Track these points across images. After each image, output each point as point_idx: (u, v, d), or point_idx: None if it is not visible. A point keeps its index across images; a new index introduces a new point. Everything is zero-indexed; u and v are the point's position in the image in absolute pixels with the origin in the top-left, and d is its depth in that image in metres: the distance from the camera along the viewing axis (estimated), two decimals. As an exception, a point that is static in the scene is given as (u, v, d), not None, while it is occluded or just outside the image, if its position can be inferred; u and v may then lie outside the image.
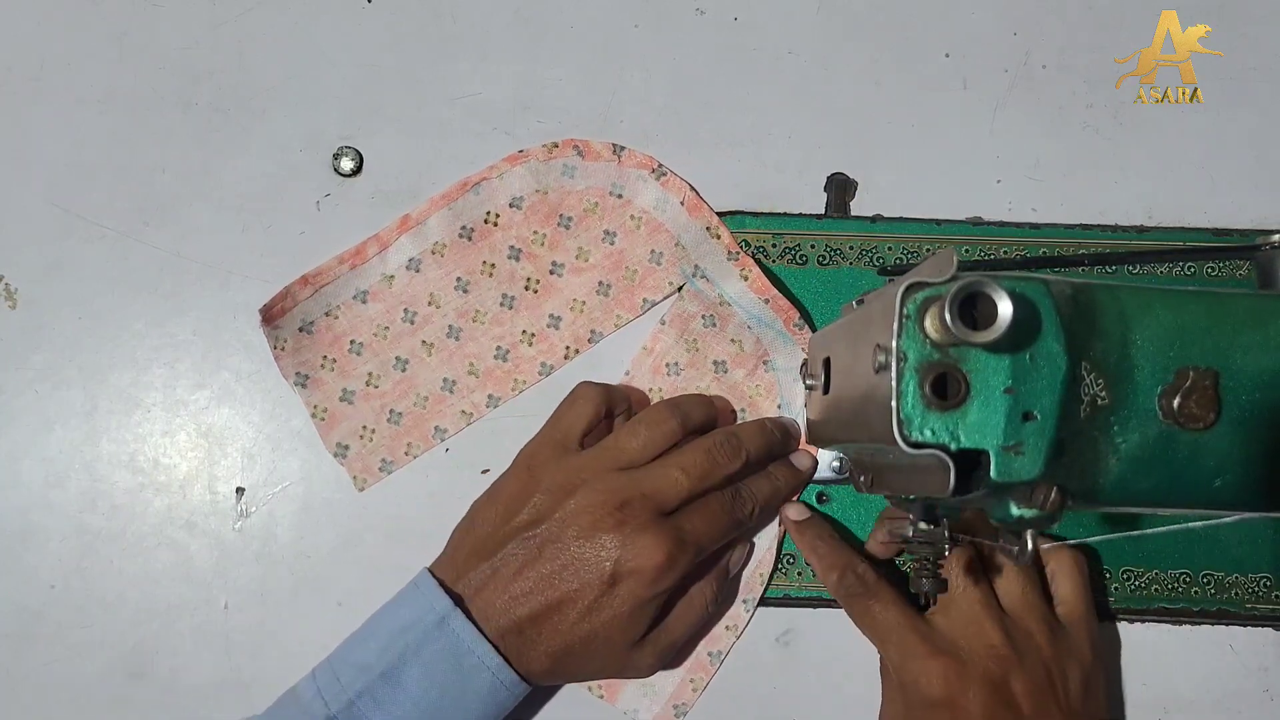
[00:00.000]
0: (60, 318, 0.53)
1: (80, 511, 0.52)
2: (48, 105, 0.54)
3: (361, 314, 0.52)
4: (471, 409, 0.52)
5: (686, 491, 0.45)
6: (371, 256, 0.52)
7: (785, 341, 0.51)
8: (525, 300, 0.52)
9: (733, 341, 0.51)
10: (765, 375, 0.51)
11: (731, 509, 0.47)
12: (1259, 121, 0.54)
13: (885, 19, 0.55)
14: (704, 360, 0.52)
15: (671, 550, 0.44)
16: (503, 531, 0.45)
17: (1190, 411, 0.34)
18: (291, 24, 0.55)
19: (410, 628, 0.43)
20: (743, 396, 0.52)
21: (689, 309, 0.52)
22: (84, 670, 0.51)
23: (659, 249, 0.52)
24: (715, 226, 0.51)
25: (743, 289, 0.51)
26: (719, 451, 0.46)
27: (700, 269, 0.51)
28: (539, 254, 0.52)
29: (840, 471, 0.50)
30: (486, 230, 0.52)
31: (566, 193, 0.52)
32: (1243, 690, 0.51)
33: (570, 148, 0.52)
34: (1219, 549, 0.50)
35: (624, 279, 0.52)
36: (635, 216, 0.52)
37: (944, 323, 0.31)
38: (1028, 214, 0.53)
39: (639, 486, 0.45)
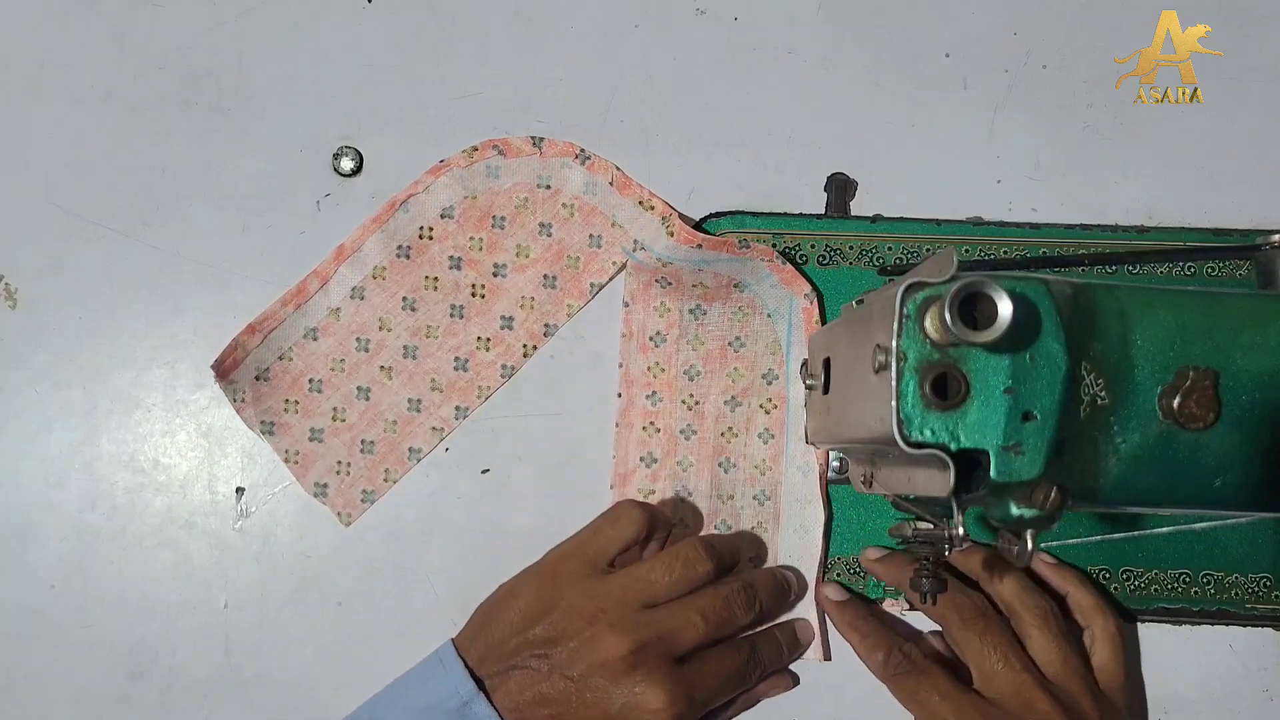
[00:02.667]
0: (60, 318, 0.53)
1: (80, 511, 0.52)
2: (48, 105, 0.54)
3: (315, 351, 0.52)
4: (441, 424, 0.52)
5: (703, 639, 0.45)
6: (314, 293, 0.52)
7: (738, 262, 0.51)
8: (474, 307, 0.52)
9: (694, 286, 0.52)
10: (742, 296, 0.51)
11: (744, 669, 0.46)
12: (1259, 121, 0.54)
13: (885, 19, 0.55)
14: (680, 314, 0.52)
15: (680, 710, 0.43)
16: (517, 640, 0.45)
17: (1190, 411, 0.34)
18: (291, 24, 0.55)
19: (434, 708, 0.43)
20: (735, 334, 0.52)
21: (641, 280, 0.52)
22: (84, 670, 0.51)
23: (596, 232, 0.52)
24: (647, 199, 0.51)
25: (671, 245, 0.50)
26: (736, 601, 0.46)
27: (639, 242, 0.52)
28: (479, 259, 0.52)
29: (840, 471, 0.50)
30: (423, 245, 0.52)
31: (495, 194, 0.52)
32: (1243, 690, 0.51)
33: (490, 148, 0.52)
34: (1219, 549, 0.50)
35: (567, 268, 0.52)
36: (567, 204, 0.52)
37: (944, 323, 0.31)
38: (1028, 214, 0.53)
39: (656, 629, 0.44)
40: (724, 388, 0.52)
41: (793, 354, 0.52)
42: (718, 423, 0.52)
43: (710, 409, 0.52)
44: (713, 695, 0.45)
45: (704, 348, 0.52)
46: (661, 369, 0.52)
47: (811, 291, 0.51)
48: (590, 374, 0.52)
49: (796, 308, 0.51)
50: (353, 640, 0.51)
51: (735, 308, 0.52)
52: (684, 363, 0.52)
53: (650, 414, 0.52)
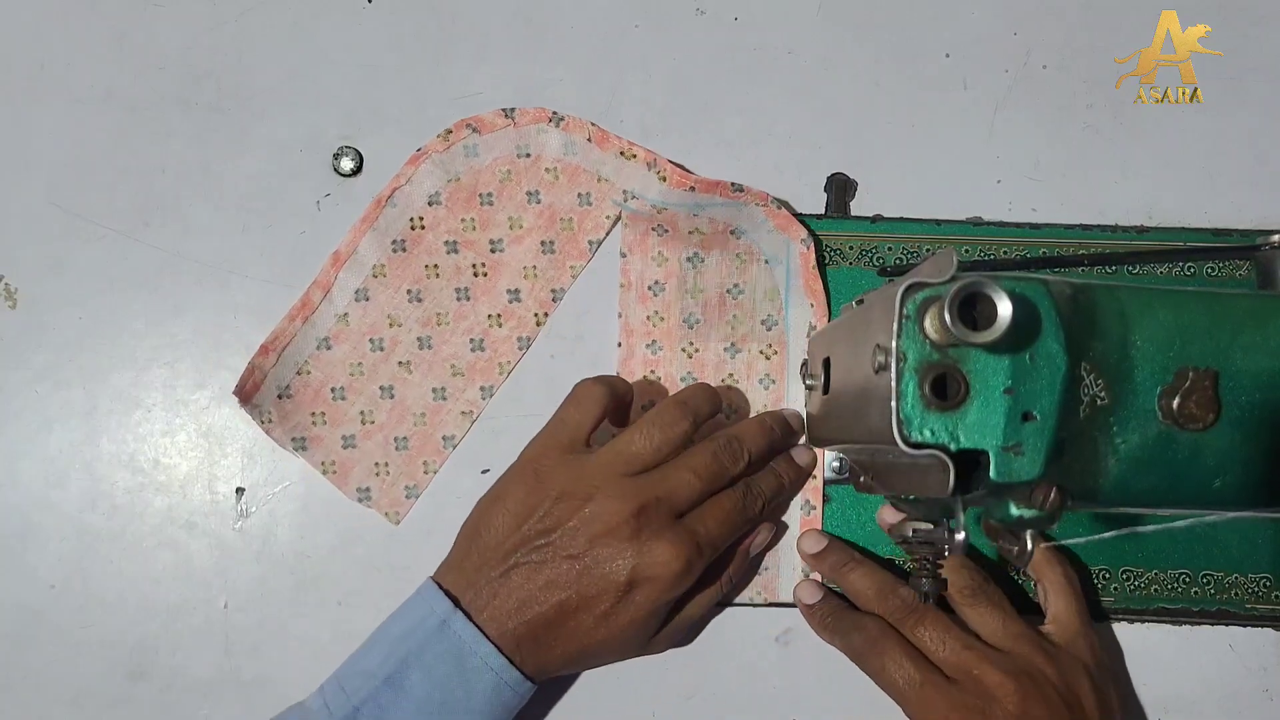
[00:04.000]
0: (60, 318, 0.53)
1: (80, 511, 0.52)
2: (48, 105, 0.54)
3: (331, 360, 0.52)
4: (469, 407, 0.52)
5: (699, 494, 0.46)
6: (319, 303, 0.52)
7: (734, 207, 0.51)
8: (479, 286, 0.52)
9: (691, 233, 0.52)
10: (739, 243, 0.52)
11: (743, 507, 0.47)
12: (1259, 121, 0.54)
13: (885, 19, 0.55)
14: (677, 264, 0.52)
15: (689, 556, 0.44)
16: (513, 539, 0.45)
17: (1190, 412, 0.34)
18: (291, 24, 0.55)
19: (412, 632, 0.43)
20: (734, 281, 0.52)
21: (638, 231, 0.52)
22: (84, 670, 0.51)
23: (584, 190, 0.52)
24: (628, 150, 0.51)
25: (665, 190, 0.51)
26: (724, 454, 0.47)
27: (629, 192, 0.52)
28: (474, 239, 0.52)
29: (840, 471, 0.50)
30: (417, 236, 0.52)
31: (477, 172, 0.52)
32: (1243, 690, 0.51)
33: (464, 128, 0.52)
34: (1219, 549, 0.50)
35: (563, 230, 0.53)
36: (550, 169, 0.52)
37: (944, 323, 0.31)
38: (1028, 214, 0.53)
39: (653, 491, 0.45)
40: (723, 335, 0.52)
41: (791, 300, 0.52)
42: (718, 370, 0.52)
43: (710, 356, 0.52)
44: (718, 538, 0.46)
45: (702, 296, 0.52)
46: (661, 318, 0.52)
47: (808, 236, 0.52)
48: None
49: (794, 253, 0.52)
50: (353, 640, 0.51)
51: (733, 255, 0.52)
52: (683, 311, 0.52)
53: (651, 362, 0.52)
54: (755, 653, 0.51)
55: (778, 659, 0.51)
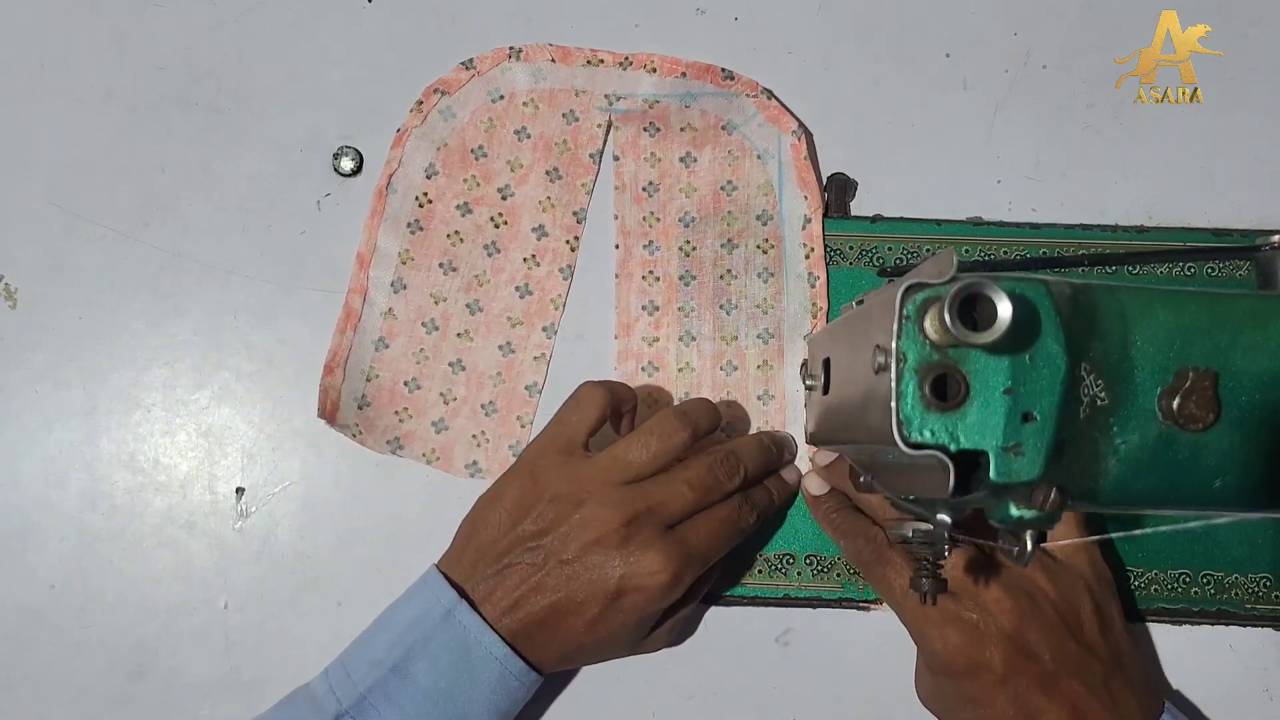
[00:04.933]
0: (60, 318, 0.53)
1: (80, 511, 0.52)
2: (48, 105, 0.54)
3: (393, 356, 0.52)
4: (539, 350, 0.53)
5: (691, 506, 0.46)
6: (361, 308, 0.52)
7: (726, 97, 0.52)
8: (504, 236, 0.53)
9: (682, 130, 0.52)
10: (731, 139, 0.52)
11: (738, 520, 0.47)
12: (1259, 121, 0.54)
13: (885, 19, 0.55)
14: (671, 164, 0.53)
15: (678, 568, 0.44)
16: (507, 539, 0.45)
17: (1190, 412, 0.34)
18: (291, 24, 0.55)
19: (418, 622, 0.44)
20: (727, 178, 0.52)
21: (629, 133, 0.53)
22: (84, 670, 0.51)
23: (566, 110, 0.53)
24: (593, 56, 0.52)
25: (657, 81, 0.52)
26: (720, 469, 0.47)
27: (611, 95, 0.52)
28: (482, 193, 0.53)
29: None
30: (428, 212, 0.53)
31: (460, 130, 0.53)
32: (1243, 690, 0.51)
33: (432, 94, 0.52)
34: (1219, 549, 0.50)
35: (561, 154, 0.53)
36: (527, 102, 0.53)
37: (944, 323, 0.31)
38: (1028, 214, 0.53)
39: (646, 500, 0.45)
40: (719, 231, 0.53)
41: (785, 193, 0.52)
42: (716, 266, 0.52)
43: (707, 253, 0.52)
44: (709, 550, 0.46)
45: (697, 194, 0.53)
46: (656, 218, 0.53)
47: (799, 128, 0.52)
48: (589, 374, 0.52)
49: (785, 145, 0.52)
50: (353, 640, 0.51)
51: (725, 151, 0.53)
52: (678, 210, 0.53)
53: (649, 263, 0.53)
54: (755, 653, 0.51)
55: (778, 659, 0.51)
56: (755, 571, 0.51)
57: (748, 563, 0.51)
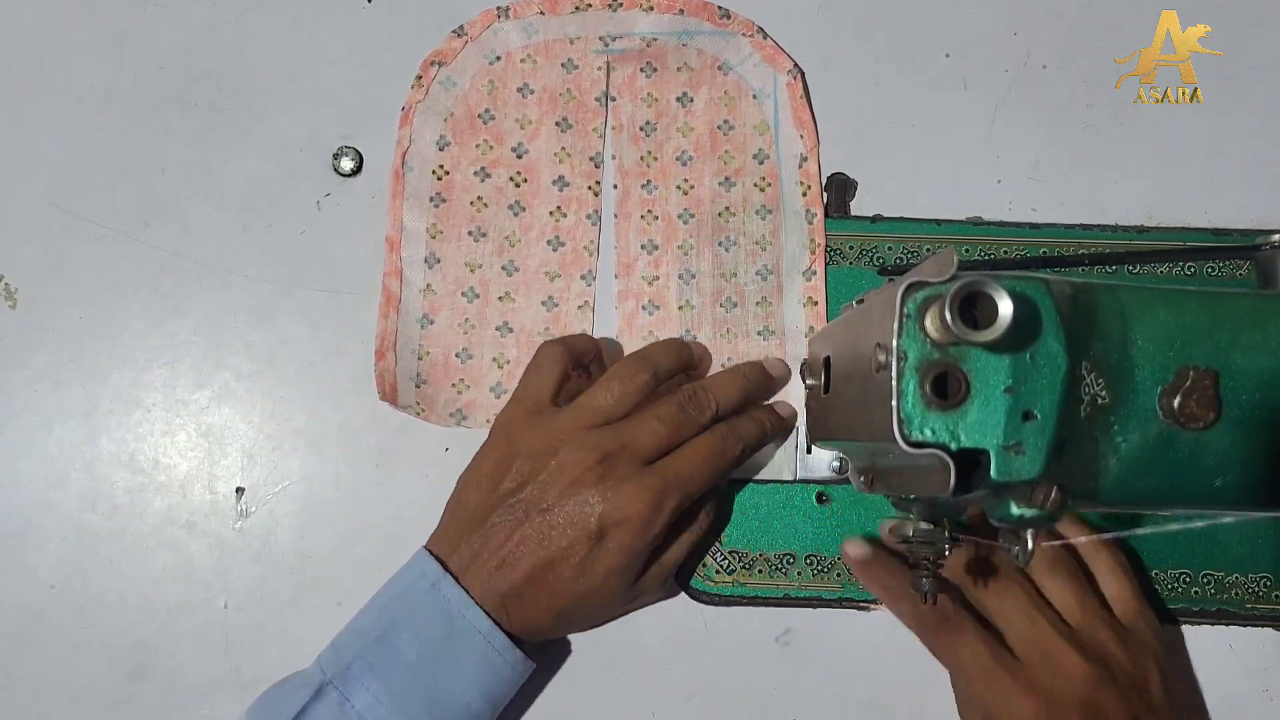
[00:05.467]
0: (60, 318, 0.53)
1: (80, 511, 0.52)
2: (48, 105, 0.54)
3: (440, 331, 0.52)
4: (582, 299, 0.53)
5: (664, 440, 0.46)
6: (399, 290, 0.52)
7: (723, 36, 0.52)
8: (526, 193, 0.53)
9: (679, 70, 0.53)
10: (727, 79, 0.53)
11: (721, 450, 0.47)
12: (1259, 121, 0.54)
13: (885, 19, 0.55)
14: (667, 104, 0.53)
15: (655, 496, 0.44)
16: (490, 501, 0.46)
17: (1190, 411, 0.34)
18: (291, 24, 0.55)
19: (403, 594, 0.44)
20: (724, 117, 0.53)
21: (626, 73, 0.53)
22: (84, 670, 0.51)
23: (564, 59, 0.53)
24: (582, 2, 0.52)
25: (655, 19, 0.52)
26: (689, 404, 0.47)
27: (606, 37, 0.53)
28: (497, 155, 0.53)
29: (840, 471, 0.50)
30: (446, 184, 0.53)
31: (464, 97, 0.53)
32: (1243, 690, 0.51)
33: (430, 66, 0.53)
34: (1219, 549, 0.50)
35: (567, 103, 0.53)
36: (524, 59, 0.53)
37: (944, 322, 0.31)
38: (1028, 214, 0.53)
39: (618, 438, 0.45)
40: (716, 170, 0.53)
41: (781, 133, 0.53)
42: (714, 204, 0.53)
43: (705, 191, 0.53)
44: (690, 479, 0.45)
45: (694, 133, 0.53)
46: (654, 158, 0.53)
47: (795, 68, 0.53)
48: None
49: (781, 85, 0.53)
50: (353, 640, 0.51)
51: (721, 91, 0.53)
52: (675, 149, 0.53)
53: (647, 202, 0.53)
54: (755, 653, 0.51)
55: (778, 659, 0.51)
56: (755, 571, 0.51)
57: (748, 562, 0.51)
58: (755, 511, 0.52)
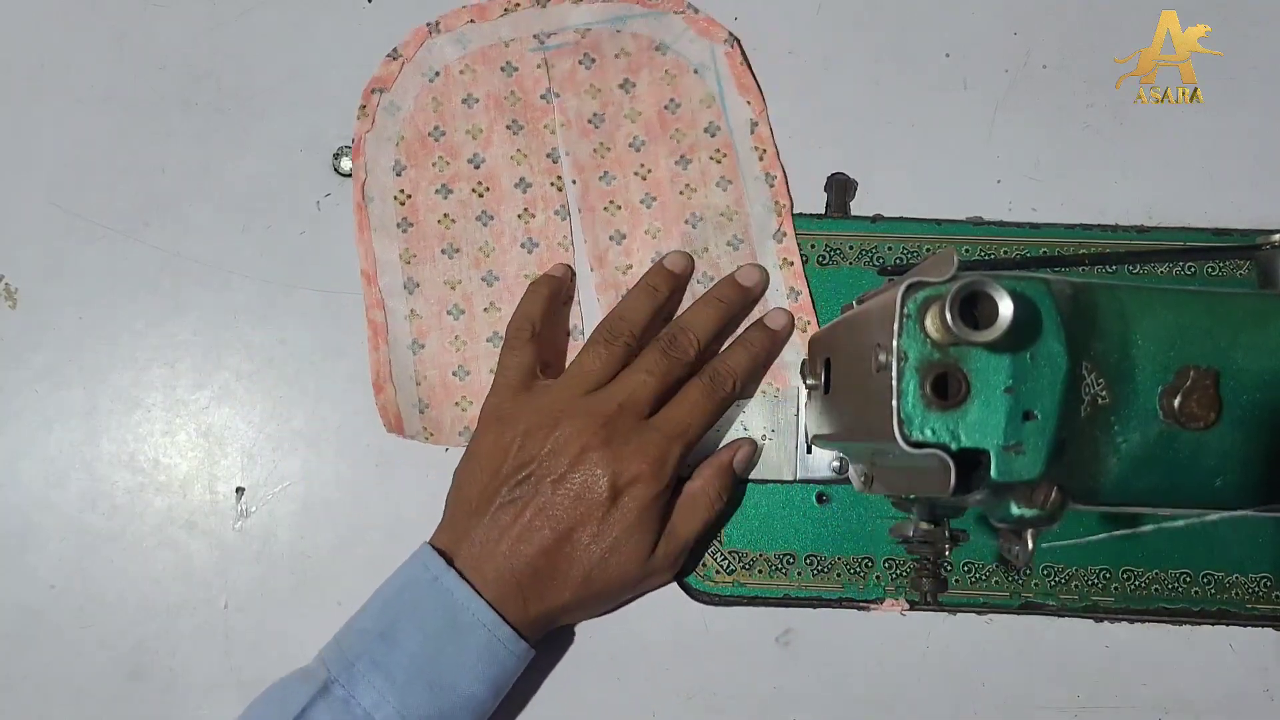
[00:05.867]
0: (60, 318, 0.53)
1: (80, 511, 0.52)
2: (48, 105, 0.54)
3: (432, 354, 0.52)
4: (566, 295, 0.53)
5: (656, 389, 0.47)
6: (384, 320, 0.52)
7: (655, 16, 0.53)
8: (490, 202, 0.53)
9: (617, 56, 0.53)
10: (666, 59, 0.53)
11: (711, 391, 0.48)
12: (1259, 121, 0.54)
13: (885, 19, 0.55)
14: (611, 93, 0.53)
15: (661, 449, 0.45)
16: (491, 486, 0.46)
17: (1191, 411, 0.34)
18: (291, 24, 0.55)
19: (406, 588, 0.45)
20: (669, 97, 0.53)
21: (564, 69, 0.53)
22: (84, 670, 0.51)
23: (502, 63, 0.53)
24: (509, 4, 0.52)
25: (585, 9, 0.53)
26: (671, 348, 0.48)
27: (540, 35, 0.53)
28: (455, 170, 0.53)
29: (840, 471, 0.51)
30: (410, 208, 0.53)
31: (411, 119, 0.53)
32: (1243, 690, 0.51)
33: (371, 94, 0.52)
34: (1219, 549, 0.50)
35: (513, 105, 0.53)
36: (462, 71, 0.53)
37: (944, 322, 0.31)
38: (1028, 214, 0.53)
39: (614, 399, 0.46)
40: (670, 150, 0.53)
41: (728, 103, 0.53)
42: (673, 184, 0.53)
43: (663, 173, 0.53)
44: (689, 426, 0.47)
45: (642, 118, 0.53)
46: (607, 148, 0.53)
47: (730, 36, 0.53)
48: None
49: (720, 55, 0.53)
50: (353, 640, 0.51)
51: (662, 72, 0.53)
52: (626, 136, 0.53)
53: (607, 193, 0.53)
54: (755, 653, 0.51)
55: (778, 659, 0.51)
56: (755, 571, 0.51)
57: (748, 562, 0.51)
58: (755, 511, 0.52)
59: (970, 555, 0.50)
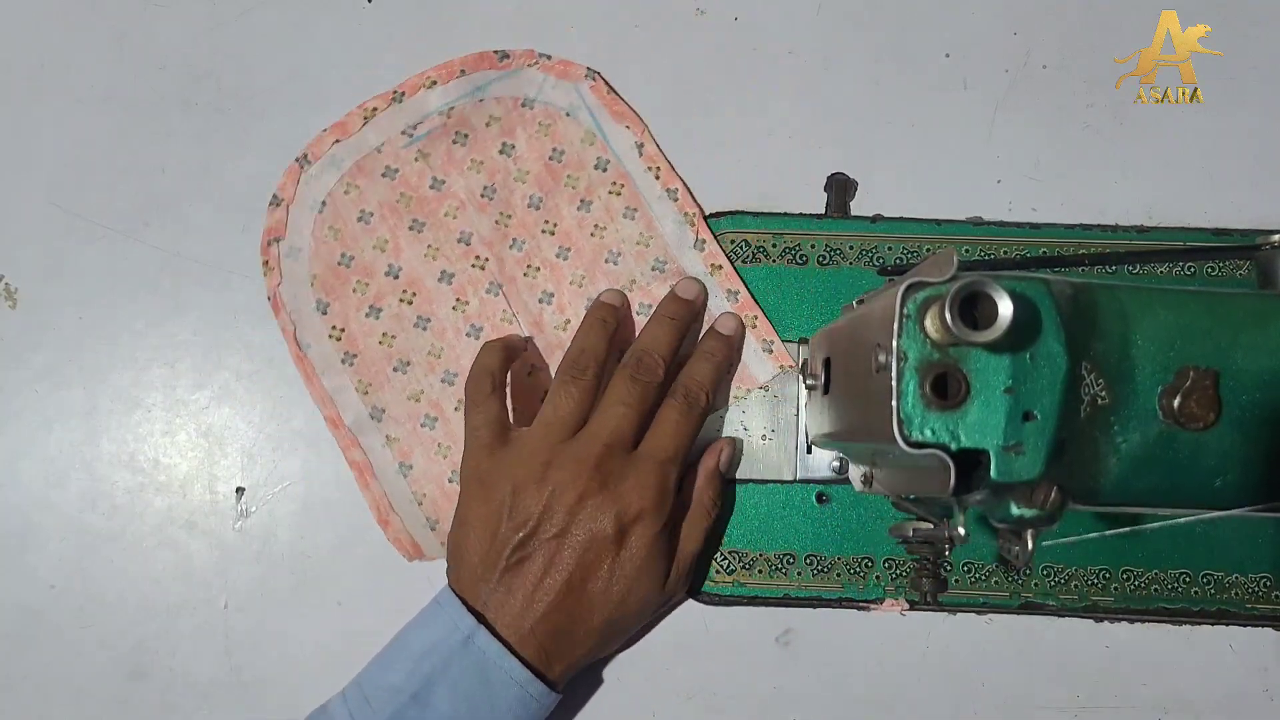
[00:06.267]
0: (60, 318, 0.53)
1: (80, 511, 0.52)
2: (48, 105, 0.54)
3: (421, 471, 0.52)
4: (526, 365, 0.52)
5: (636, 419, 0.46)
6: (365, 458, 0.51)
7: (511, 76, 0.52)
8: (421, 305, 0.52)
9: (488, 125, 0.52)
10: (534, 111, 0.53)
11: (688, 409, 0.48)
12: (1259, 121, 0.54)
13: (885, 19, 0.55)
14: (494, 162, 0.53)
15: (658, 479, 0.45)
16: (494, 550, 0.45)
17: (1190, 411, 0.34)
18: (291, 24, 0.55)
19: (436, 648, 0.44)
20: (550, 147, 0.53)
21: (440, 153, 0.52)
22: (84, 670, 0.51)
23: (380, 169, 0.52)
24: (368, 110, 0.52)
25: (442, 91, 0.52)
26: (639, 373, 0.47)
27: (406, 129, 0.52)
28: (375, 288, 0.52)
29: (840, 471, 0.51)
30: (348, 340, 0.52)
31: (314, 257, 0.52)
32: (1243, 690, 0.51)
33: (268, 246, 0.52)
34: (1219, 549, 0.50)
35: (407, 207, 0.52)
36: (347, 190, 0.52)
37: (944, 322, 0.31)
38: (1028, 214, 0.53)
39: (598, 440, 0.45)
40: (569, 198, 0.53)
41: (609, 135, 0.53)
42: (582, 228, 0.53)
43: (570, 224, 0.53)
44: (677, 449, 0.47)
45: (531, 175, 0.53)
46: (508, 216, 0.53)
47: (589, 70, 0.53)
48: None
49: (585, 92, 0.53)
50: (352, 640, 0.51)
51: (536, 125, 0.53)
52: (523, 199, 0.53)
53: (522, 259, 0.53)
54: (755, 653, 0.51)
55: (778, 659, 0.51)
56: (755, 571, 0.51)
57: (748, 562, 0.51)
58: (755, 511, 0.52)
59: (970, 555, 0.50)
